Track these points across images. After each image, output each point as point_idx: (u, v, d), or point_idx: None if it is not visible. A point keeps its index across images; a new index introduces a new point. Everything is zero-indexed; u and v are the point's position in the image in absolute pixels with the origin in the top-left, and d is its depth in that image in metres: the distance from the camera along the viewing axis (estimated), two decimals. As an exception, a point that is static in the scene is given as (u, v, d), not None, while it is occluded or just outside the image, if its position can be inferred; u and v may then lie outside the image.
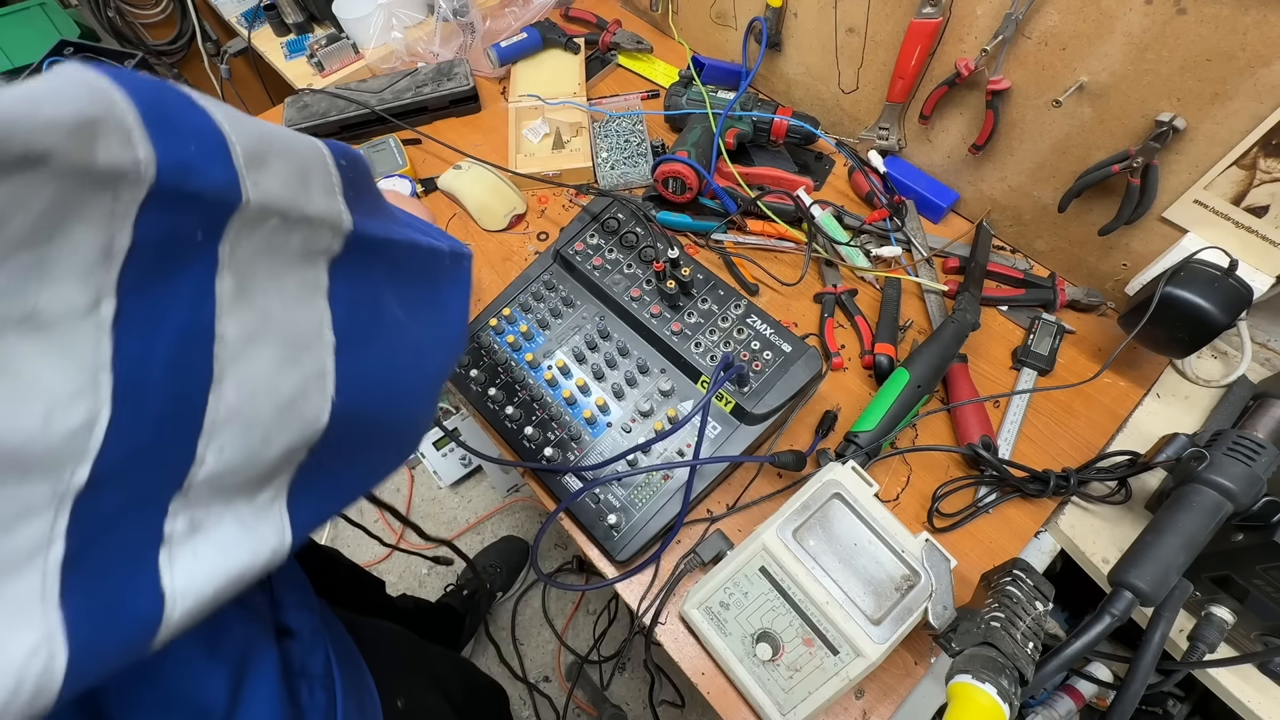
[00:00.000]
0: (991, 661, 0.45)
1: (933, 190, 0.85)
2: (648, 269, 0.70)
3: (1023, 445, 0.70)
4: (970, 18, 0.70)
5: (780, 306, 0.80)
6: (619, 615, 1.39)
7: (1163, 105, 0.61)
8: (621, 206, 0.75)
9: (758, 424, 0.63)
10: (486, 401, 0.69)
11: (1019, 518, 0.66)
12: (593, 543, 0.64)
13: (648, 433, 0.65)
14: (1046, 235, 0.79)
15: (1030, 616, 0.49)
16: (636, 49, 1.05)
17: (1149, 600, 0.49)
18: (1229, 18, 0.54)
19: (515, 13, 1.07)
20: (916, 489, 0.67)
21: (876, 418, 0.65)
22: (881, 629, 0.50)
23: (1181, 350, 0.66)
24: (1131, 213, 0.67)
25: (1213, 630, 0.55)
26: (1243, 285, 0.61)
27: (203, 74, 1.54)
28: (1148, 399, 0.73)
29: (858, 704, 0.57)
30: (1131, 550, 0.52)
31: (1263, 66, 0.54)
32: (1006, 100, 0.72)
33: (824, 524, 0.55)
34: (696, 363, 0.65)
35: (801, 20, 0.87)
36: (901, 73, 0.78)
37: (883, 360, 0.72)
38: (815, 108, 0.94)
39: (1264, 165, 0.58)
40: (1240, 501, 0.51)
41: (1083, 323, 0.77)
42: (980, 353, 0.76)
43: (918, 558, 0.52)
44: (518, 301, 0.73)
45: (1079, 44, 0.64)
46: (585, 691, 1.33)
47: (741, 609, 0.55)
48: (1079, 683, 0.74)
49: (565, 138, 0.93)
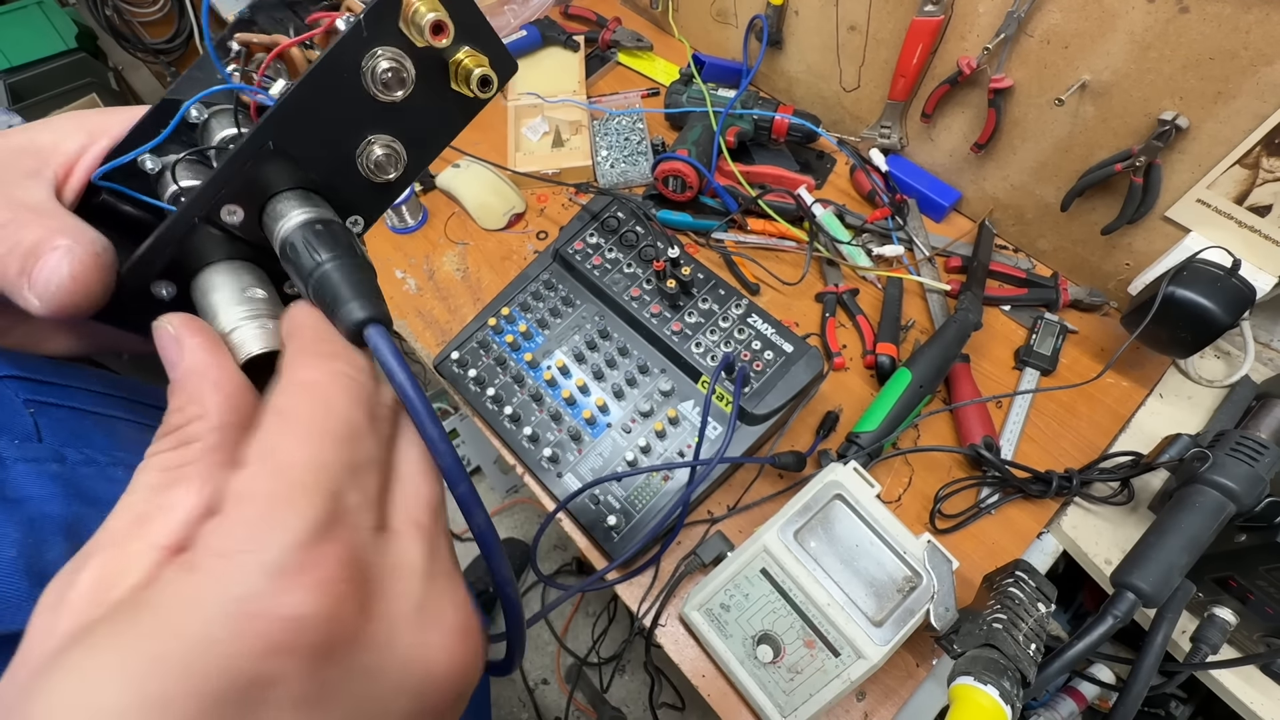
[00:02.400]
0: (994, 663, 0.44)
1: (935, 189, 0.85)
2: (648, 268, 0.70)
3: (1025, 446, 0.69)
4: (972, 16, 0.70)
5: (781, 306, 0.80)
6: (618, 617, 1.38)
7: (1165, 104, 0.61)
8: (621, 205, 0.74)
9: (759, 424, 0.62)
10: (485, 401, 0.68)
11: (1021, 519, 0.65)
12: (592, 544, 0.63)
13: (648, 433, 0.64)
14: (1049, 234, 0.79)
15: (1032, 618, 0.49)
16: (636, 47, 1.04)
17: (1151, 601, 0.48)
18: (1232, 16, 0.54)
19: (514, 10, 1.07)
20: (918, 490, 0.67)
21: (878, 418, 0.65)
22: (883, 630, 0.50)
23: (1184, 350, 0.66)
24: (1134, 212, 0.67)
25: (1215, 631, 0.55)
26: (1245, 285, 0.61)
27: (201, 72, 1.54)
28: (1150, 399, 0.72)
29: (859, 706, 0.57)
30: (1134, 551, 0.51)
31: (1265, 65, 0.54)
32: (1009, 99, 0.72)
33: (825, 525, 0.54)
34: (697, 363, 0.65)
35: (803, 18, 0.86)
36: (903, 71, 0.78)
37: (884, 360, 0.71)
38: (817, 106, 0.94)
39: (1267, 164, 0.58)
40: (1243, 502, 0.50)
41: (1085, 322, 0.77)
42: (982, 353, 0.76)
43: (919, 559, 0.51)
44: (517, 301, 0.73)
45: (1081, 42, 0.63)
46: (585, 694, 1.32)
47: (742, 611, 0.55)
48: (1081, 684, 0.74)
49: (565, 136, 0.93)
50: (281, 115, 0.21)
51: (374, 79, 0.21)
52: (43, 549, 0.22)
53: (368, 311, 0.20)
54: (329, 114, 0.22)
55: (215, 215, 0.21)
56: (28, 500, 0.23)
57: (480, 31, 0.22)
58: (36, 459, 0.25)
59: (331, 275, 0.20)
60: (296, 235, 0.21)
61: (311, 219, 0.21)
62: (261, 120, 0.21)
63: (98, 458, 0.27)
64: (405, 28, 0.21)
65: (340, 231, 0.22)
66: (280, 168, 0.21)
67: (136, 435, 0.30)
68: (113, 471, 0.27)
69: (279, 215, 0.22)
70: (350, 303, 0.20)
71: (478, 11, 0.22)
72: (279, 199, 0.22)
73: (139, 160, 0.24)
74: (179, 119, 0.23)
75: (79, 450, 0.26)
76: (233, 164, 0.21)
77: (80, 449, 0.26)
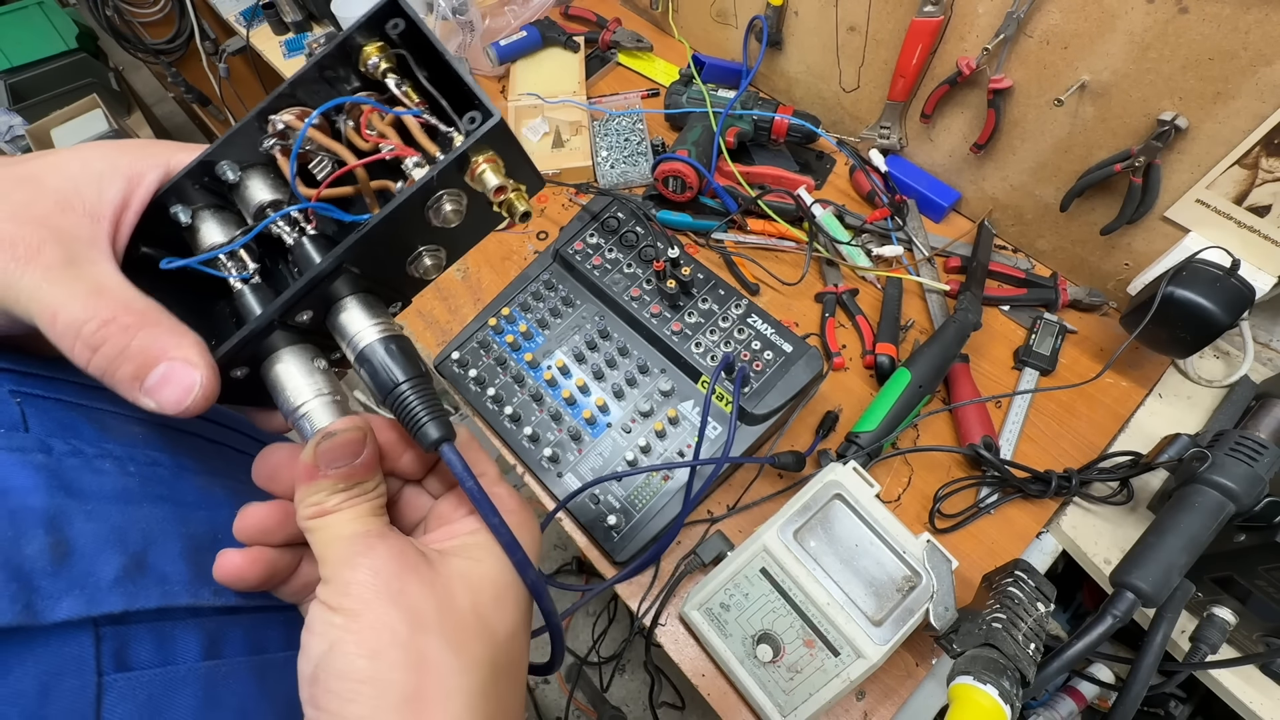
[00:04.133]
0: (993, 663, 0.45)
1: (934, 189, 0.85)
2: (648, 268, 0.70)
3: (1024, 446, 0.69)
4: (972, 16, 0.70)
5: (781, 306, 0.80)
6: (618, 616, 1.38)
7: (1165, 104, 0.61)
8: (621, 206, 0.74)
9: (758, 424, 0.63)
10: (486, 401, 0.68)
11: (1020, 518, 0.65)
12: (592, 543, 0.63)
13: (648, 433, 0.64)
14: (1048, 235, 0.79)
15: (1032, 617, 0.49)
16: (636, 47, 1.04)
17: (1151, 601, 0.48)
18: (1231, 16, 0.54)
19: (515, 11, 1.07)
20: (918, 489, 0.67)
21: (878, 418, 0.65)
22: (883, 630, 0.50)
23: (1184, 350, 0.66)
24: (1133, 212, 0.67)
25: (1215, 631, 0.55)
26: (1245, 285, 0.61)
27: (201, 73, 1.54)
28: (1150, 399, 0.72)
29: (859, 705, 0.57)
30: (1133, 551, 0.51)
31: (1265, 65, 0.54)
32: (1008, 99, 0.72)
33: (825, 525, 0.55)
34: (697, 363, 0.65)
35: (802, 18, 0.87)
36: (903, 71, 0.78)
37: (884, 360, 0.72)
38: (816, 106, 0.94)
39: (1266, 165, 0.58)
40: (1242, 502, 0.51)
41: (1085, 322, 0.77)
42: (982, 353, 0.76)
43: (919, 558, 0.51)
44: (517, 301, 0.73)
45: (1081, 43, 0.63)
46: (585, 693, 1.32)
47: (742, 610, 0.55)
48: (1080, 684, 0.74)
49: (565, 136, 0.93)
50: (359, 244, 0.24)
51: (436, 213, 0.25)
52: (21, 542, 0.22)
53: (441, 432, 0.25)
54: (395, 239, 0.26)
55: (290, 319, 0.25)
56: (10, 491, 0.23)
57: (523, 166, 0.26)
58: (22, 449, 0.24)
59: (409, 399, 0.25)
60: (374, 352, 0.25)
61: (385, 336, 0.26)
62: (341, 246, 0.24)
63: (85, 449, 0.26)
64: (470, 180, 0.25)
65: (406, 345, 0.26)
66: (347, 279, 0.25)
67: (125, 427, 0.29)
68: (100, 463, 0.26)
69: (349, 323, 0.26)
70: (428, 425, 0.25)
71: (522, 151, 0.26)
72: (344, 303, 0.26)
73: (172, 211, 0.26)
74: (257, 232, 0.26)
75: (66, 441, 0.26)
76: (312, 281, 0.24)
77: (68, 439, 0.26)
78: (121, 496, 0.26)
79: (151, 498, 0.27)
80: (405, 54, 0.26)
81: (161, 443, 0.30)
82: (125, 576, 0.24)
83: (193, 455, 0.31)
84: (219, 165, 0.27)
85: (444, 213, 0.25)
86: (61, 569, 0.22)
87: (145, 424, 0.30)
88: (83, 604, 0.22)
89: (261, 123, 0.27)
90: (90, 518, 0.24)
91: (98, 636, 0.23)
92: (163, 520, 0.27)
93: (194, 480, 0.30)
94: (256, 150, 0.27)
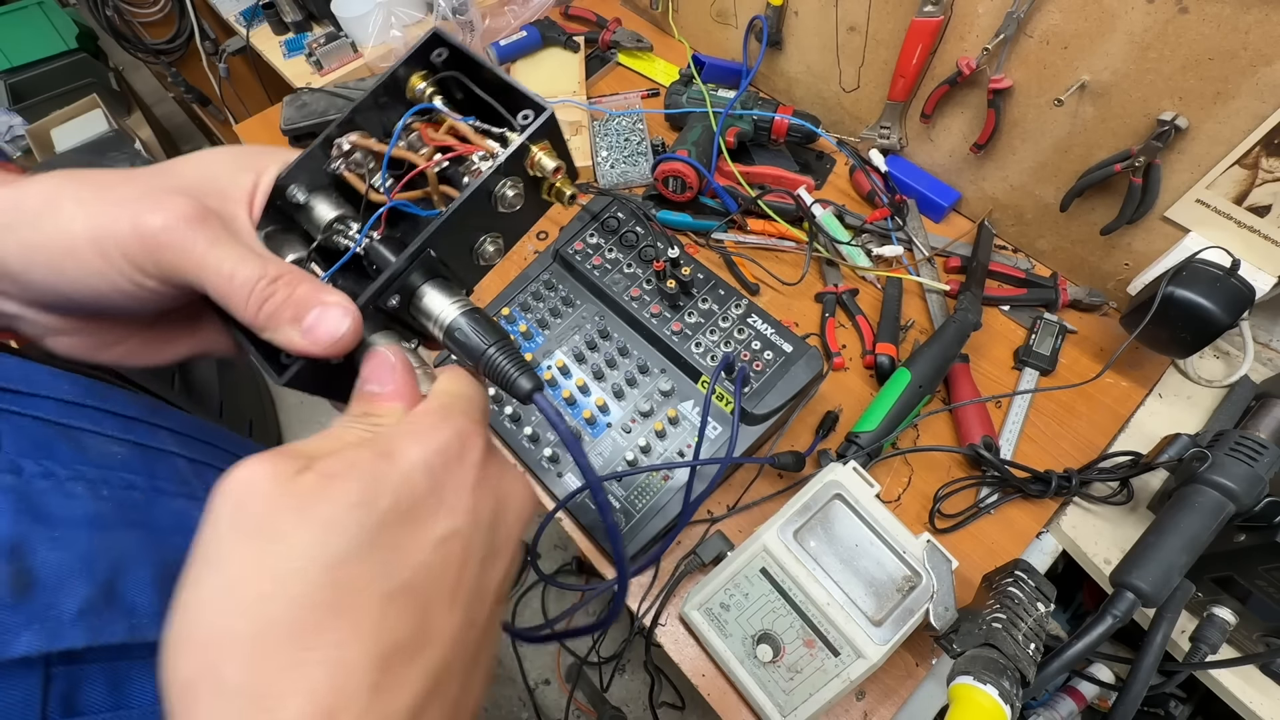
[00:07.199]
0: (993, 663, 0.45)
1: (934, 189, 0.85)
2: (648, 268, 0.70)
3: (1024, 446, 0.69)
4: (972, 16, 0.70)
5: (781, 306, 0.80)
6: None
7: (1165, 104, 0.61)
8: (621, 205, 0.74)
9: (758, 424, 0.63)
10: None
11: (1020, 518, 0.65)
12: (592, 543, 0.63)
13: (648, 433, 0.64)
14: (1048, 235, 0.79)
15: (1032, 617, 0.49)
16: (636, 47, 1.04)
17: (1151, 601, 0.48)
18: (1231, 16, 0.54)
19: (515, 11, 1.07)
20: (918, 489, 0.67)
21: (878, 418, 0.65)
22: (883, 630, 0.50)
23: (1184, 350, 0.66)
24: (1133, 212, 0.67)
25: (1215, 631, 0.55)
26: (1245, 285, 0.61)
27: (201, 73, 1.54)
28: (1150, 399, 0.72)
29: (859, 705, 0.57)
30: (1133, 551, 0.51)
31: (1265, 65, 0.54)
32: (1008, 99, 0.72)
33: (825, 525, 0.55)
34: (697, 363, 0.65)
35: (802, 18, 0.87)
36: (903, 71, 0.78)
37: (884, 360, 0.72)
38: (816, 106, 0.94)
39: (1266, 165, 0.58)
40: (1242, 502, 0.51)
41: (1085, 322, 0.77)
42: (982, 353, 0.76)
43: (919, 558, 0.51)
44: (517, 301, 0.73)
45: (1081, 43, 0.63)
46: (585, 693, 1.32)
47: (742, 610, 0.55)
48: (1080, 684, 0.74)
49: (565, 137, 0.93)
50: (441, 228, 0.28)
51: (501, 199, 0.29)
52: None
53: (532, 383, 0.27)
54: (468, 224, 0.29)
55: (383, 302, 0.28)
56: None
57: (565, 156, 0.31)
58: None
59: (498, 359, 0.28)
60: (460, 324, 0.28)
61: (466, 310, 0.28)
62: (424, 233, 0.27)
63: (57, 470, 0.26)
64: (529, 167, 0.29)
65: (485, 315, 0.29)
66: (426, 264, 0.28)
67: (103, 447, 0.28)
68: (72, 486, 0.25)
69: (433, 305, 0.29)
70: (520, 378, 0.27)
71: (565, 143, 0.31)
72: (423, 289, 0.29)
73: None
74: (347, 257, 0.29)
75: (38, 462, 0.25)
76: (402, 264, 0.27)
77: (39, 460, 0.25)
78: (93, 522, 0.25)
79: (124, 523, 0.26)
80: (457, 75, 0.30)
81: (139, 464, 0.30)
82: (89, 610, 0.23)
83: (171, 478, 0.31)
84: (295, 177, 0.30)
85: (508, 198, 0.29)
86: (22, 601, 0.21)
87: (125, 444, 0.30)
88: (43, 639, 0.21)
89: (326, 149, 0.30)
90: (56, 545, 0.23)
91: (47, 677, 0.22)
92: (135, 546, 0.26)
93: (170, 504, 0.29)
94: (323, 172, 0.30)
